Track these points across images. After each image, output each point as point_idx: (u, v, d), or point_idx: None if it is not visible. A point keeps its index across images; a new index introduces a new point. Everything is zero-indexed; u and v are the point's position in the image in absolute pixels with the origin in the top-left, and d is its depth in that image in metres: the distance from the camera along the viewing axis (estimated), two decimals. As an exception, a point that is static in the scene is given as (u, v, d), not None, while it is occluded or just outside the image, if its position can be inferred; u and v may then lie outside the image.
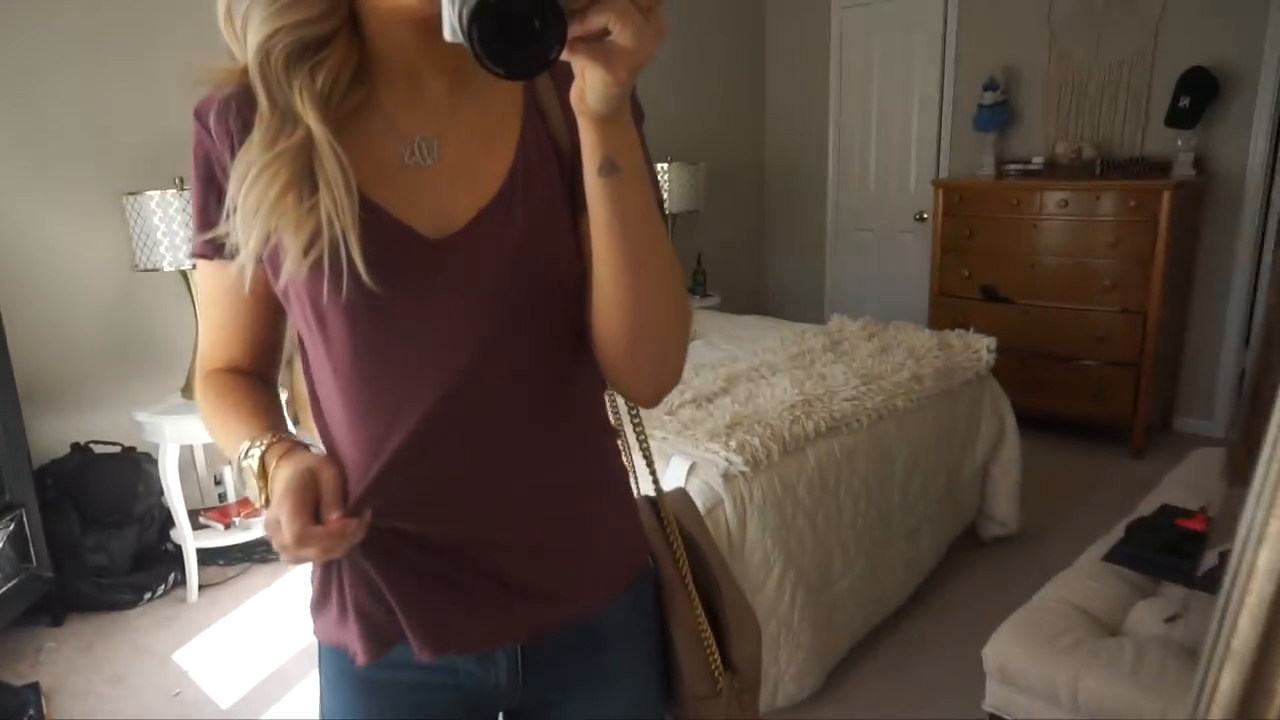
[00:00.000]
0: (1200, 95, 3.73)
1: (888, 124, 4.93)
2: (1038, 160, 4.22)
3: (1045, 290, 3.96)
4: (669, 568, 0.97)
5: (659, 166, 4.26)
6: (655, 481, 1.02)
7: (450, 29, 0.55)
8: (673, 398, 2.44)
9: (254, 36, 0.72)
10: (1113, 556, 2.00)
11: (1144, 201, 3.64)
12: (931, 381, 2.72)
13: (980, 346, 3.00)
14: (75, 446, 2.79)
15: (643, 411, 1.03)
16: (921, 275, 4.59)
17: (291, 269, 0.72)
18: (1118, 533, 2.13)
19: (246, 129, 0.74)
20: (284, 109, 0.72)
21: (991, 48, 4.43)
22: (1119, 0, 3.99)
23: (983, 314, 4.08)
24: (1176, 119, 3.79)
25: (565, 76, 0.79)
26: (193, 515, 2.87)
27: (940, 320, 4.22)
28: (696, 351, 3.10)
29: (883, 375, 2.67)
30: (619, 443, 0.93)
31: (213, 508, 3.01)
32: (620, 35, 0.55)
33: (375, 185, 0.75)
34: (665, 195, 4.27)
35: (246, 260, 0.73)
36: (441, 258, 0.75)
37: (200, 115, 0.78)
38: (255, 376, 0.88)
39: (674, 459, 2.10)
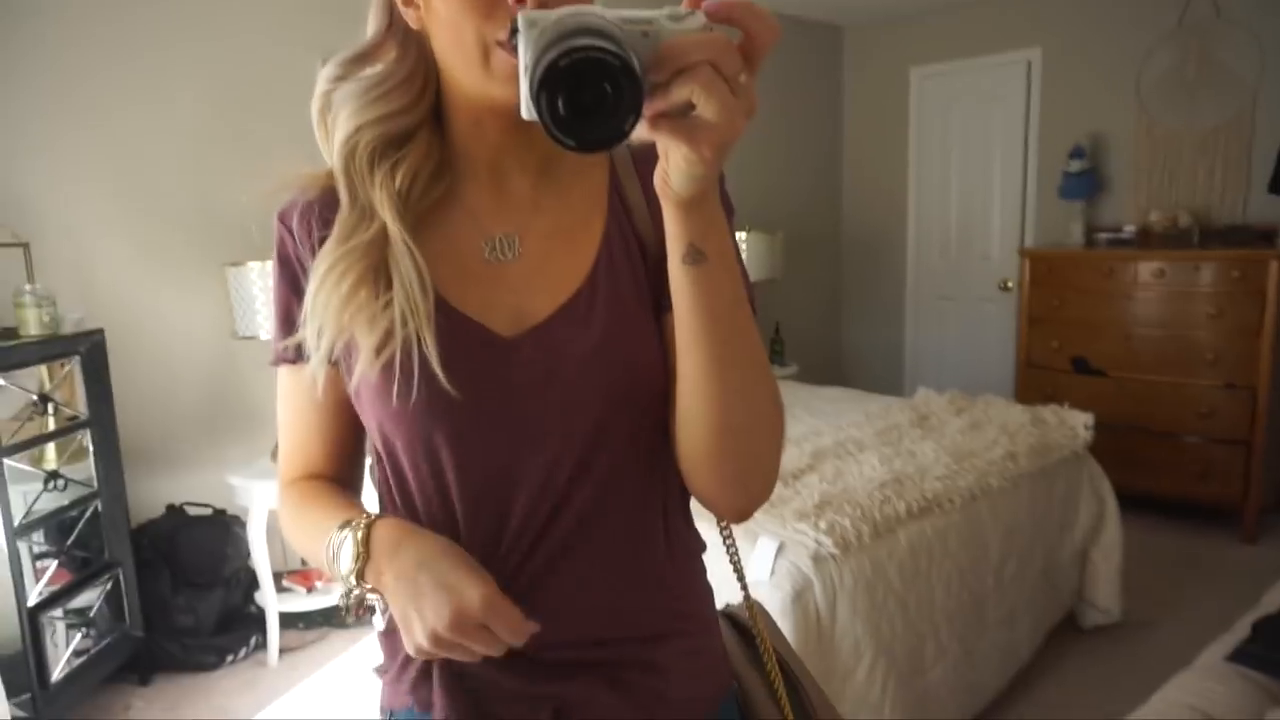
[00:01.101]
0: (1306, 162, 3.59)
1: (968, 191, 4.87)
2: (1129, 229, 4.10)
3: (1142, 363, 3.80)
4: (758, 690, 0.91)
5: (737, 235, 4.27)
6: (745, 593, 0.97)
7: (525, 104, 0.51)
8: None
9: (341, 132, 0.74)
10: (1240, 657, 1.85)
11: (1248, 272, 3.48)
12: (1026, 460, 2.61)
13: (1077, 423, 2.88)
14: (170, 508, 2.88)
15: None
16: (1005, 345, 4.47)
17: (364, 368, 0.71)
18: (1241, 629, 1.97)
19: (328, 230, 0.75)
20: (363, 205, 0.73)
21: (1076, 115, 4.36)
22: (1212, 67, 3.90)
23: (1074, 386, 3.93)
24: (1280, 186, 3.65)
25: (649, 170, 0.80)
26: (276, 578, 2.91)
27: (1028, 392, 4.08)
28: (778, 423, 3.05)
29: (975, 453, 2.58)
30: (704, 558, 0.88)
31: (295, 571, 3.05)
32: (705, 109, 0.51)
33: (453, 282, 0.75)
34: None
35: (318, 363, 0.73)
36: (516, 355, 0.73)
37: (283, 218, 0.79)
38: (337, 483, 0.85)
39: (761, 539, 2.05)
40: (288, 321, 0.79)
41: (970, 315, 4.92)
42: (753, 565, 2.00)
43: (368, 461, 0.85)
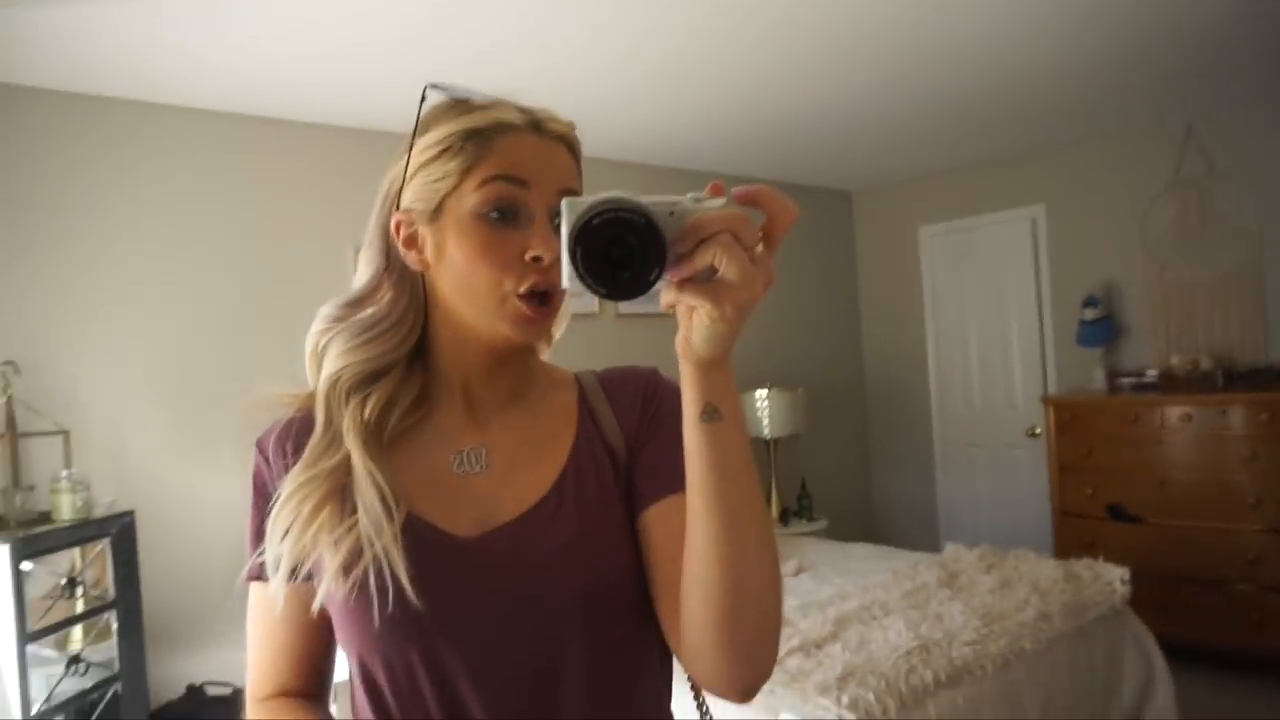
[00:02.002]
0: (1320, 303, 3.61)
1: (987, 341, 4.92)
2: (1151, 373, 4.09)
3: (1180, 508, 3.70)
4: None
5: (758, 393, 4.33)
6: None
7: (566, 271, 0.58)
8: (780, 644, 2.33)
9: (328, 368, 0.82)
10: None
11: (1277, 413, 3.44)
12: (1060, 620, 2.52)
13: (1113, 577, 2.79)
14: (191, 688, 2.85)
15: None
16: (1038, 492, 4.38)
17: (331, 587, 0.75)
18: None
19: (300, 456, 0.81)
20: (334, 432, 0.80)
21: (1086, 265, 4.45)
22: (1214, 218, 4.00)
23: (1112, 534, 3.82)
24: (1298, 327, 3.66)
25: (617, 389, 0.86)
26: None
27: (1066, 541, 3.97)
28: (804, 587, 2.99)
29: (1006, 614, 2.50)
30: None
31: None
32: (728, 271, 0.56)
33: (419, 494, 0.79)
34: (765, 421, 4.30)
35: (279, 581, 0.77)
36: (478, 557, 0.77)
37: (261, 446, 0.86)
38: (306, 698, 0.86)
39: (783, 715, 1.98)
40: (259, 540, 0.82)
41: (1000, 463, 4.86)
42: (774, 744, 1.92)
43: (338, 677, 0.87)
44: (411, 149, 0.80)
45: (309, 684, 0.87)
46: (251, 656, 0.86)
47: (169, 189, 3.03)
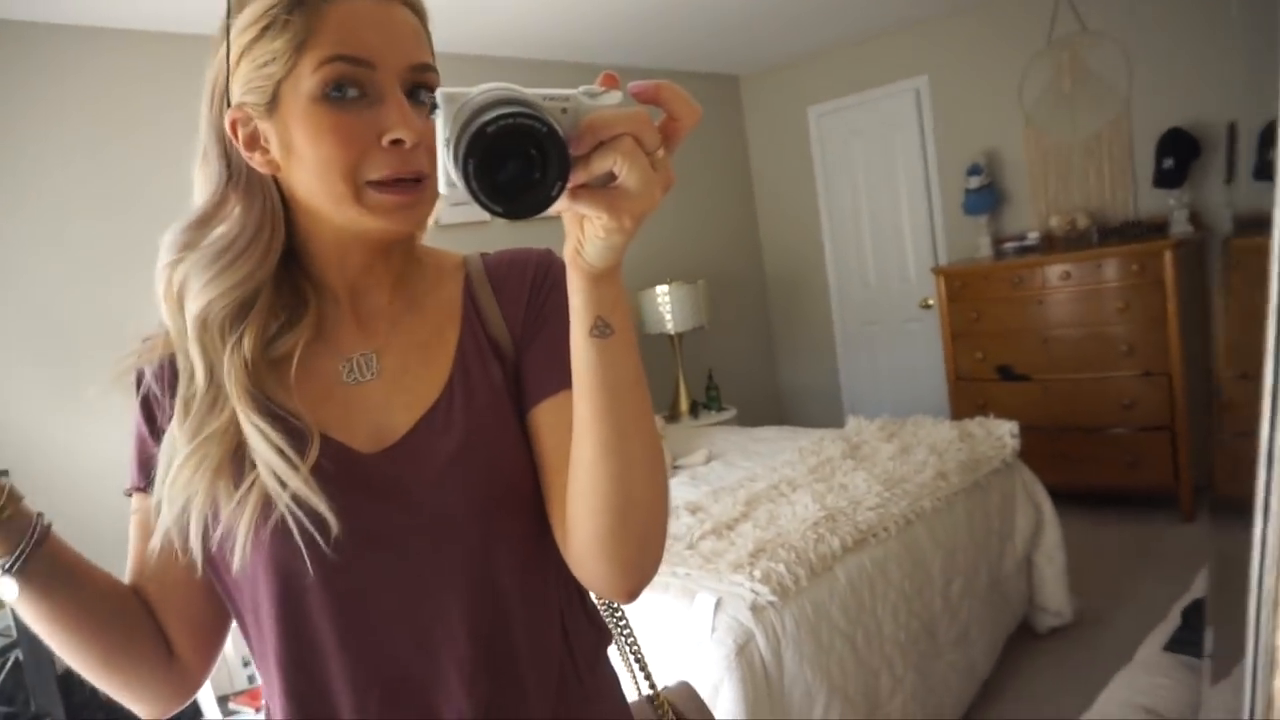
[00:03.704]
0: (1182, 154, 3.77)
1: (879, 218, 5.00)
2: (1033, 236, 4.25)
3: (1063, 363, 3.91)
4: None
5: (658, 289, 4.32)
6: (651, 683, 0.97)
7: (444, 177, 0.53)
8: (693, 528, 2.39)
9: (194, 306, 0.73)
10: (1175, 646, 1.89)
11: (1146, 264, 3.62)
12: (957, 477, 2.65)
13: (1003, 432, 2.94)
14: (101, 644, 2.76)
15: (667, 550, 0.99)
16: (935, 363, 4.56)
17: (247, 546, 0.70)
18: (1175, 618, 2.01)
19: (173, 392, 0.75)
20: (217, 384, 0.73)
21: (969, 134, 4.53)
22: (1085, 77, 4.09)
23: (1003, 394, 4.03)
24: (1164, 180, 3.82)
25: (503, 278, 0.80)
26: (221, 702, 2.79)
27: (962, 405, 4.16)
28: (715, 473, 3.06)
29: (906, 477, 2.61)
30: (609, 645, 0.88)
31: (242, 691, 2.94)
32: (628, 179, 0.52)
33: (315, 407, 0.75)
34: (668, 316, 4.31)
35: (167, 525, 0.72)
36: (379, 474, 0.73)
37: (143, 375, 0.79)
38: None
39: (699, 595, 2.03)
40: (143, 455, 0.79)
41: (898, 337, 5.02)
42: (692, 623, 1.98)
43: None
44: (229, 32, 0.70)
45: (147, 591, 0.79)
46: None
47: (29, 119, 2.75)
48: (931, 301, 4.62)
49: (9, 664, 2.41)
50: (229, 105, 0.71)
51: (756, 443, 3.42)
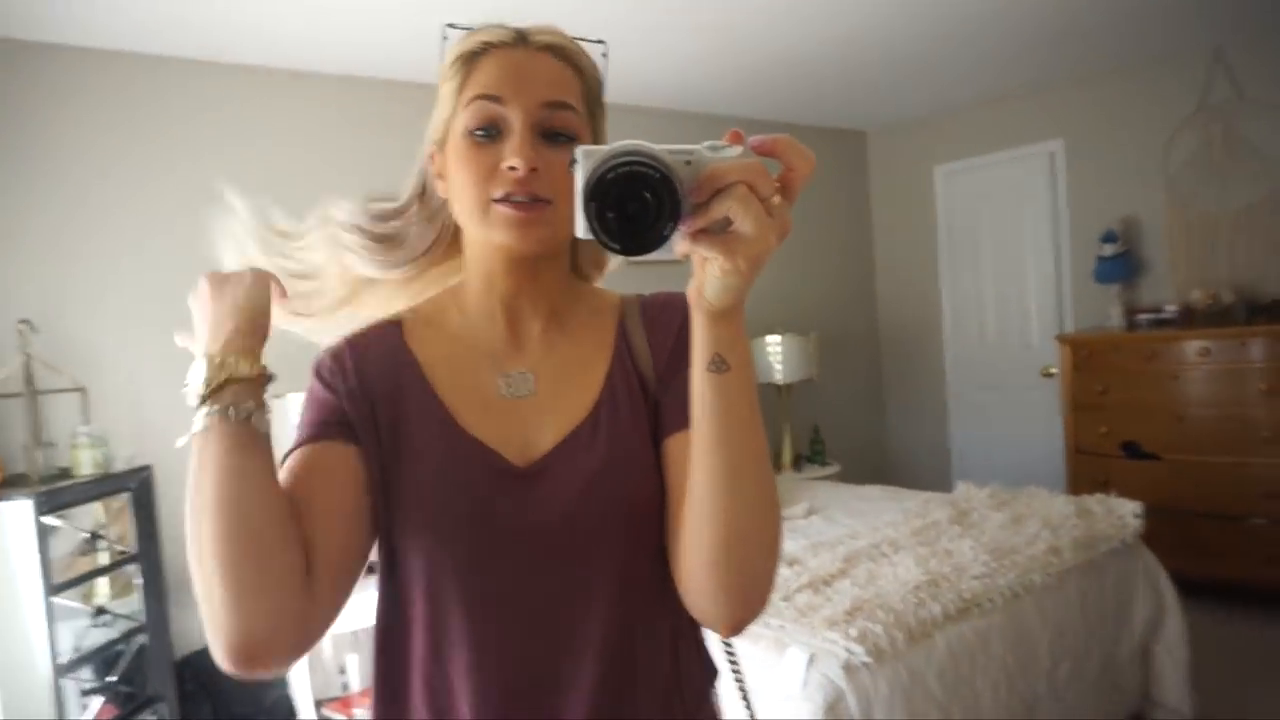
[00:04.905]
0: (1342, 232, 3.53)
1: (1003, 281, 4.86)
2: (1170, 309, 4.03)
3: (1196, 444, 3.67)
4: None
5: (769, 339, 4.32)
6: None
7: (579, 222, 0.58)
8: (789, 581, 2.35)
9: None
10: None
11: (1296, 345, 3.39)
12: (1071, 554, 2.52)
13: (1125, 512, 2.78)
14: (215, 637, 2.92)
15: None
16: (1052, 433, 4.36)
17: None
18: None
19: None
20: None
21: (1105, 200, 4.37)
22: (1237, 146, 3.89)
23: (1127, 472, 3.81)
24: (1320, 258, 3.58)
25: (655, 318, 0.86)
26: (316, 706, 2.90)
27: (1080, 480, 3.96)
28: (815, 528, 3.01)
29: (1016, 549, 2.50)
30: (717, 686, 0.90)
31: (335, 698, 3.04)
32: (742, 224, 0.57)
33: (474, 415, 0.81)
34: (777, 366, 4.29)
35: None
36: (528, 484, 0.78)
37: (319, 370, 0.84)
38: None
39: (790, 649, 2.00)
40: (323, 419, 0.79)
41: (1014, 404, 4.83)
42: (782, 677, 1.95)
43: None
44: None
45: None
46: None
47: (186, 146, 3.02)
48: (1054, 370, 4.44)
49: (134, 648, 2.58)
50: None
51: (859, 500, 3.34)
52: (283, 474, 0.75)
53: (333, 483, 0.75)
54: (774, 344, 4.30)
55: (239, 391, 0.71)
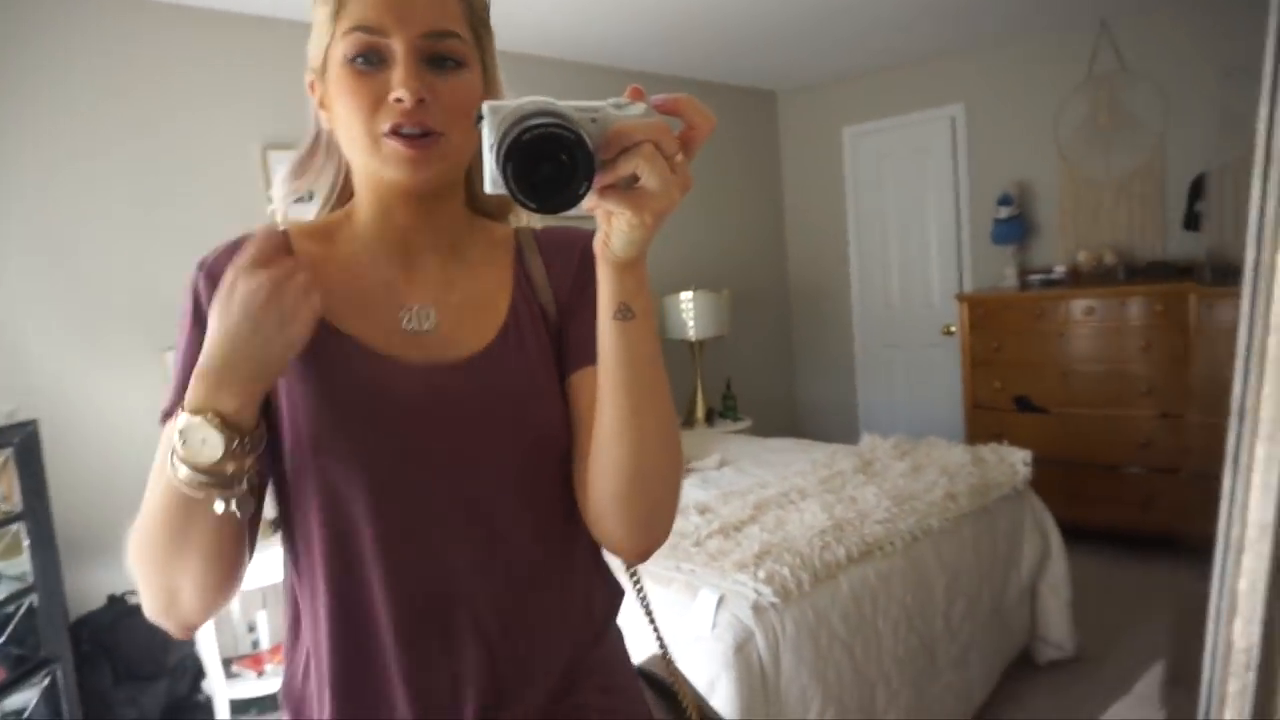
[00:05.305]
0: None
1: (907, 242, 5.02)
2: (1059, 269, 4.25)
3: (1081, 398, 3.90)
4: None
5: (683, 295, 4.35)
6: (661, 642, 0.99)
7: (489, 178, 0.60)
8: (700, 528, 2.41)
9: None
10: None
11: (1170, 305, 3.62)
12: (966, 499, 2.65)
13: (1016, 460, 2.94)
14: (112, 598, 2.81)
15: (671, 545, 1.03)
16: (953, 389, 4.56)
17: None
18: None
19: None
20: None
21: (1002, 164, 4.54)
22: (1121, 115, 4.10)
23: (1019, 425, 4.02)
24: (1193, 223, 3.82)
25: (552, 251, 0.86)
26: (225, 664, 2.84)
27: (977, 434, 4.16)
28: (726, 478, 3.08)
29: (915, 495, 2.62)
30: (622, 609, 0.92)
31: (245, 655, 2.98)
32: (648, 180, 0.60)
33: (380, 342, 0.80)
34: (690, 323, 4.34)
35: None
36: (441, 404, 0.78)
37: (209, 268, 0.81)
38: None
39: (702, 591, 2.06)
40: (186, 374, 0.75)
41: (918, 361, 5.03)
42: (693, 619, 2.00)
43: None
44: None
45: None
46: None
47: (66, 77, 2.81)
48: (954, 328, 4.63)
49: (23, 609, 2.46)
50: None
51: (770, 452, 3.44)
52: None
53: None
54: (686, 301, 4.34)
55: (234, 478, 0.68)
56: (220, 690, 2.76)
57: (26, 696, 2.45)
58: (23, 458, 2.48)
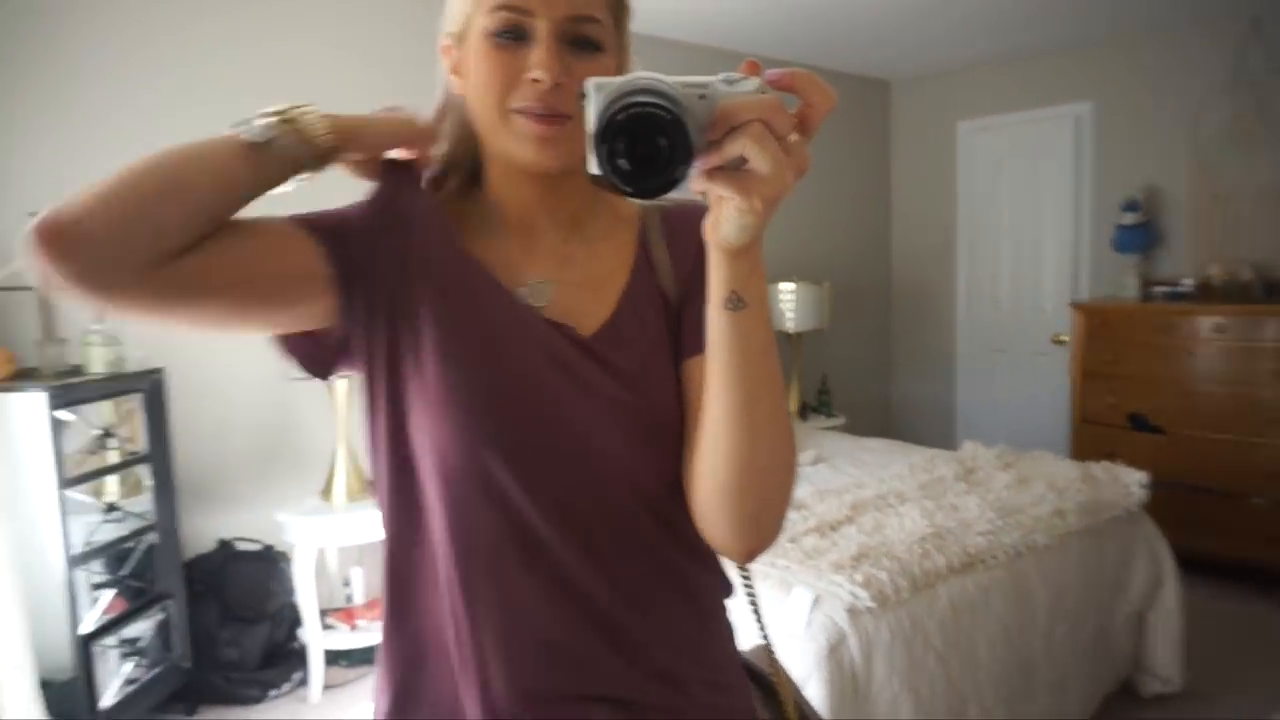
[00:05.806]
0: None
1: (1019, 243, 4.82)
2: (1187, 282, 4.00)
3: (1203, 420, 3.68)
4: None
5: (783, 286, 4.29)
6: (765, 635, 0.96)
7: (589, 159, 0.57)
8: (796, 524, 2.37)
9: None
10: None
11: (1312, 327, 3.38)
12: (1075, 518, 2.54)
13: (1130, 481, 2.80)
14: (221, 542, 2.95)
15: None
16: (1059, 400, 4.37)
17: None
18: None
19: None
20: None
21: (1129, 168, 4.30)
22: (1270, 119, 3.83)
23: (1133, 443, 3.82)
24: (1345, 241, 3.55)
25: (677, 231, 0.83)
26: (320, 615, 2.95)
27: (1084, 449, 3.98)
28: (821, 476, 3.02)
29: (1021, 509, 2.52)
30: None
31: (340, 609, 3.10)
32: (757, 163, 0.55)
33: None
34: (789, 314, 4.28)
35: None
36: (589, 363, 0.78)
37: (402, 178, 0.84)
38: None
39: (796, 589, 2.03)
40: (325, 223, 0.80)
41: (1023, 369, 4.84)
42: (786, 616, 1.98)
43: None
44: None
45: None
46: None
47: (199, 40, 2.94)
48: (1065, 337, 4.43)
49: (143, 545, 2.61)
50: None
51: (865, 452, 3.36)
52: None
53: (274, 250, 0.77)
54: (788, 292, 4.28)
55: (301, 131, 0.76)
56: (315, 639, 2.88)
57: (142, 627, 2.60)
58: (150, 403, 2.63)
